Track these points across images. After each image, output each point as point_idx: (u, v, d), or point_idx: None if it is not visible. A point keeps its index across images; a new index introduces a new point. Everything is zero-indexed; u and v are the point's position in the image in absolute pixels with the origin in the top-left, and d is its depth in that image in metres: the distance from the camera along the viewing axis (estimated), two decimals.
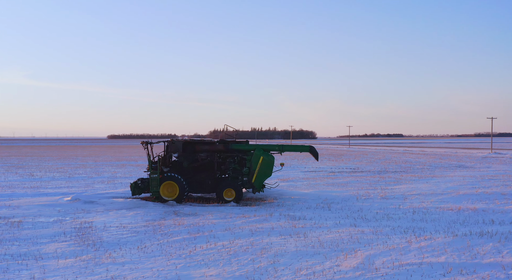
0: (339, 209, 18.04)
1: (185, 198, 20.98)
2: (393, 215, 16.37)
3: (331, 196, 21.79)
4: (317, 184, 27.84)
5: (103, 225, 15.30)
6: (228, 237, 13.07)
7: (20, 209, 18.84)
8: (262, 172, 20.94)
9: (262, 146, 21.55)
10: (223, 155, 21.56)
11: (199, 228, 14.65)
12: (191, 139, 21.94)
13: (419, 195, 21.81)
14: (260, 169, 20.90)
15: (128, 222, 16.02)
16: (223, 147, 21.57)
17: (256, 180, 20.99)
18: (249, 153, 21.34)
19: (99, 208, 19.36)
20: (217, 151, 21.64)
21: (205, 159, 21.58)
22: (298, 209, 18.18)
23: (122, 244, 12.58)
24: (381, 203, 19.63)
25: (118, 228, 14.85)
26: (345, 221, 15.31)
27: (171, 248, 11.99)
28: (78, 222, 15.98)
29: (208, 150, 21.66)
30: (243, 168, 21.18)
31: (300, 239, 12.60)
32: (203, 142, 21.83)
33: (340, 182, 28.99)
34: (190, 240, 12.81)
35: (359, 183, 28.07)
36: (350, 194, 22.56)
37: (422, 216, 16.07)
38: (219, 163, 21.54)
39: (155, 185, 20.87)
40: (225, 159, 21.54)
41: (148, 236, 13.55)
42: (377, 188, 25.25)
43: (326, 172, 35.76)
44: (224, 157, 21.56)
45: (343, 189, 25.18)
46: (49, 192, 24.65)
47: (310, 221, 15.45)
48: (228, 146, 21.54)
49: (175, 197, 20.89)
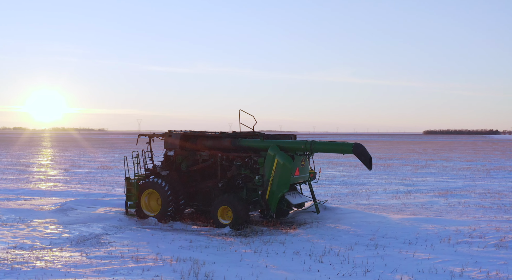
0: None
1: (171, 214, 14.48)
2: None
3: (440, 231, 13.18)
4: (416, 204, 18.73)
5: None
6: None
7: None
8: (276, 184, 13.50)
9: (280, 143, 14.01)
10: (231, 155, 14.59)
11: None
12: (192, 132, 15.40)
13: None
14: (274, 178, 13.49)
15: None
16: (230, 144, 14.61)
17: (269, 195, 13.62)
18: (263, 154, 14.03)
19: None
20: (222, 149, 14.75)
21: (207, 160, 14.86)
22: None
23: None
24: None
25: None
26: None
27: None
28: None
29: (211, 147, 14.91)
30: (256, 175, 13.92)
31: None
32: (206, 136, 15.14)
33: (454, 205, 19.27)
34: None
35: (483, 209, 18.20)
36: (477, 229, 13.58)
37: None
38: (224, 166, 14.60)
39: (134, 193, 14.85)
40: (232, 161, 14.54)
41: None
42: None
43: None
44: (231, 159, 14.58)
45: (461, 217, 15.97)
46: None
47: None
48: (236, 142, 14.50)
49: (157, 213, 14.61)
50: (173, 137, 15.11)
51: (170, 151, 15.29)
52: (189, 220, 14.99)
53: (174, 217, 14.55)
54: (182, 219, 14.91)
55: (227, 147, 14.60)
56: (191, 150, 14.99)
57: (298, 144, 13.80)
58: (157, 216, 14.52)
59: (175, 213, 14.54)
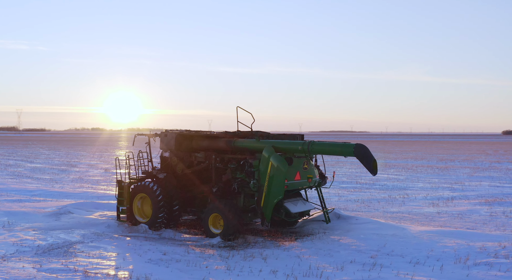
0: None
1: (164, 221, 13.25)
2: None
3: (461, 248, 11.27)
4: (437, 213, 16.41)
5: None
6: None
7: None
8: (270, 189, 11.95)
9: (276, 144, 12.42)
10: (226, 157, 13.17)
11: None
12: (188, 131, 14.12)
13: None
14: (268, 183, 11.95)
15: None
16: (225, 144, 13.19)
17: (264, 202, 12.09)
18: (258, 155, 12.50)
19: None
20: (218, 150, 13.35)
21: (202, 162, 13.52)
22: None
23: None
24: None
25: None
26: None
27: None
28: None
29: (206, 148, 13.57)
30: (251, 180, 12.42)
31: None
32: (201, 136, 13.81)
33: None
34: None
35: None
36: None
37: None
38: (219, 169, 13.18)
39: (126, 198, 13.78)
40: (227, 163, 13.11)
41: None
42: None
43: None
44: (226, 161, 13.15)
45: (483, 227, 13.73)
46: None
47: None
48: (231, 143, 13.05)
49: (148, 219, 13.44)
50: (169, 137, 13.90)
51: (165, 152, 14.10)
52: (185, 228, 13.74)
53: (167, 224, 13.33)
54: (177, 227, 13.68)
55: (223, 148, 13.20)
56: (186, 151, 13.71)
57: (295, 145, 12.15)
58: (148, 222, 13.35)
59: (168, 220, 13.31)
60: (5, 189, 21.52)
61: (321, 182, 13.49)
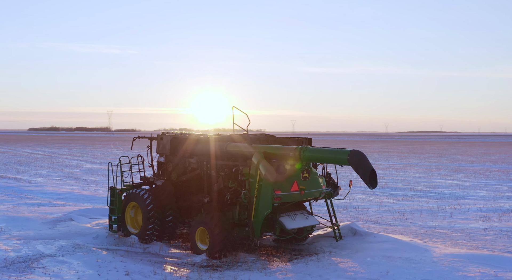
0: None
1: (154, 233, 12.01)
2: None
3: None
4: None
5: None
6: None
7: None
8: (258, 201, 10.35)
9: (268, 149, 10.76)
10: (218, 164, 11.68)
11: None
12: (183, 134, 12.81)
13: None
14: (257, 194, 10.36)
15: None
16: (218, 149, 11.71)
17: (254, 216, 10.50)
18: (249, 162, 10.90)
19: None
20: (211, 156, 11.88)
21: (195, 169, 12.15)
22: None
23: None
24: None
25: None
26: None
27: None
28: None
29: (200, 153, 12.16)
30: (243, 190, 10.86)
31: None
32: (195, 140, 12.42)
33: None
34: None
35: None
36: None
37: None
38: (212, 177, 11.71)
39: (117, 206, 12.73)
40: (219, 170, 11.61)
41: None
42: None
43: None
44: (218, 167, 11.65)
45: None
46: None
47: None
48: (224, 147, 11.56)
49: (139, 230, 12.29)
50: (164, 140, 12.67)
51: (161, 156, 12.89)
52: (180, 241, 12.42)
53: (160, 237, 12.08)
54: (173, 240, 12.40)
55: (216, 153, 11.74)
56: (181, 156, 12.41)
57: (287, 151, 10.44)
58: (137, 234, 12.19)
59: (160, 232, 12.06)
60: (36, 191, 21.39)
61: (332, 193, 11.68)
